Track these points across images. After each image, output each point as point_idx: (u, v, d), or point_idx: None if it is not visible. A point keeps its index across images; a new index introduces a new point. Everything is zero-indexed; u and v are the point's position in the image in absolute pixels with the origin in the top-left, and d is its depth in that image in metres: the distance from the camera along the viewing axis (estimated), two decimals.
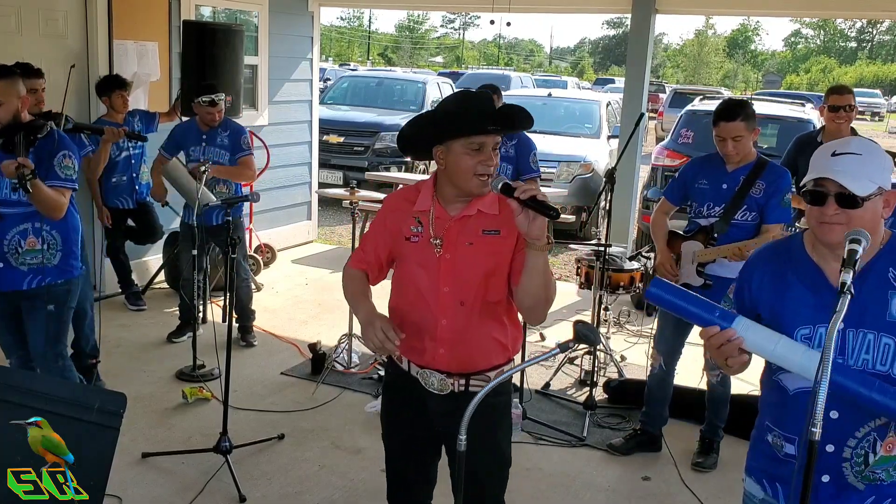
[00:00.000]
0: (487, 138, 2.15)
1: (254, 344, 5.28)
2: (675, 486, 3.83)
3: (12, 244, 3.30)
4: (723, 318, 1.82)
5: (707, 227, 3.74)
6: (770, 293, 1.94)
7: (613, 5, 8.48)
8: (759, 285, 1.96)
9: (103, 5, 5.72)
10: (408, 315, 2.31)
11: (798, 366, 1.77)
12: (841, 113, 4.67)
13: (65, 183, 3.27)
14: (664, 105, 21.50)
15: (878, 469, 1.86)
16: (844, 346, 1.83)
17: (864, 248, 1.74)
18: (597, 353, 4.71)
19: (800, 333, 1.86)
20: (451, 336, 2.26)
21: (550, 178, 8.98)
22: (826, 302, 1.83)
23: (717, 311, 1.84)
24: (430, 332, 2.28)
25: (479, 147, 2.16)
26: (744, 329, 1.81)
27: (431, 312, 2.26)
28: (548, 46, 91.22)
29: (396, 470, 2.56)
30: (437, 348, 2.28)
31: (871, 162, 1.81)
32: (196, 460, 3.77)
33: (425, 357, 2.31)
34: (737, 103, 3.72)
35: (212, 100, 4.92)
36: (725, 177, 3.72)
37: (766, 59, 73.73)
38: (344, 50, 64.72)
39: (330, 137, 10.38)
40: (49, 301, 3.41)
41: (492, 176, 2.17)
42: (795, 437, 1.92)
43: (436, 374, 2.30)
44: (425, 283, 2.27)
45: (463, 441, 1.95)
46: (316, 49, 8.01)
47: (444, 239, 2.24)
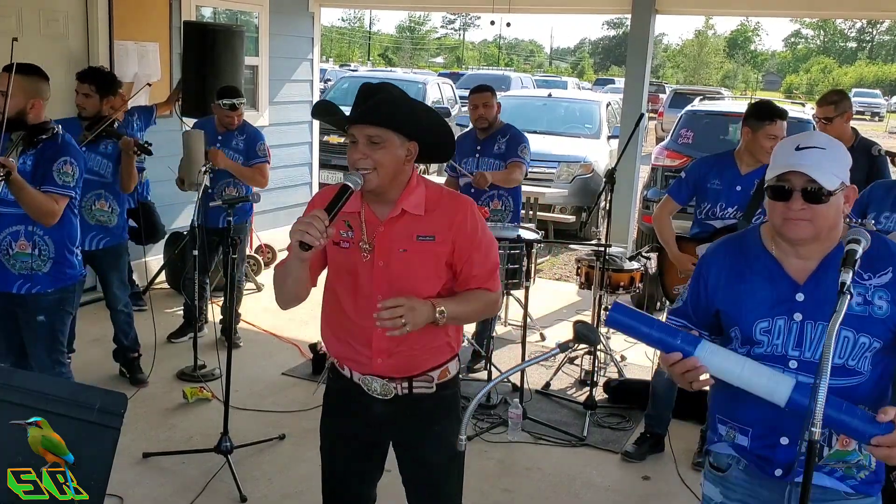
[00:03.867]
0: (355, 129, 2.05)
1: (239, 345, 5.19)
2: (675, 486, 3.83)
3: (3, 244, 3.23)
4: (685, 343, 1.80)
5: (730, 228, 3.73)
6: (727, 287, 1.94)
7: (613, 6, 8.49)
8: (716, 280, 1.96)
9: (104, 6, 5.73)
10: (342, 324, 2.22)
11: (765, 389, 1.75)
12: (822, 124, 4.67)
13: (61, 190, 3.18)
14: (664, 105, 21.50)
15: (832, 461, 1.89)
16: (802, 338, 1.84)
17: (864, 247, 1.74)
18: (597, 353, 4.71)
19: (758, 327, 1.87)
20: (388, 345, 2.15)
21: (550, 178, 8.99)
22: (784, 294, 1.86)
23: (679, 335, 1.82)
24: (365, 342, 2.18)
25: (353, 139, 2.07)
26: (708, 354, 1.79)
27: (366, 322, 2.11)
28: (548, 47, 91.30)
29: (334, 489, 2.43)
30: (375, 357, 2.18)
31: (834, 156, 1.81)
32: (197, 460, 3.77)
33: (364, 366, 2.22)
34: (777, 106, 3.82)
35: (232, 104, 4.93)
36: (739, 179, 3.74)
37: (766, 60, 73.73)
38: (344, 51, 64.71)
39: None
40: (39, 311, 3.32)
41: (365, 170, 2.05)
42: (749, 428, 1.93)
43: (377, 379, 2.21)
44: (358, 291, 2.16)
45: (463, 441, 1.94)
46: (316, 50, 8.01)
47: (375, 244, 2.13)
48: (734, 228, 3.72)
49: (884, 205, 3.21)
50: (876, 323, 1.81)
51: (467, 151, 4.95)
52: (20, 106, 3.18)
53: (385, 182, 2.08)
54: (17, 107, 3.17)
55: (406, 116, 2.08)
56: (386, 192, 2.12)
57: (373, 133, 2.04)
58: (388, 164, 2.06)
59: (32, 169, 3.19)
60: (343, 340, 2.25)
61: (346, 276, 2.18)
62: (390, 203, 2.14)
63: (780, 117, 3.68)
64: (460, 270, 2.20)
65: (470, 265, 2.19)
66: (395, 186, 2.12)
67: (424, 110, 2.20)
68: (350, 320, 2.20)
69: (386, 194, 2.13)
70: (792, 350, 1.85)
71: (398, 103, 2.08)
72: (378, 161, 2.05)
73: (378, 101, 2.04)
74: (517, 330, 5.25)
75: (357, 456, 2.38)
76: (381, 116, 2.04)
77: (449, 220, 2.16)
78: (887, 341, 1.83)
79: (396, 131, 2.06)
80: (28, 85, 3.20)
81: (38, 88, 3.26)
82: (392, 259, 2.14)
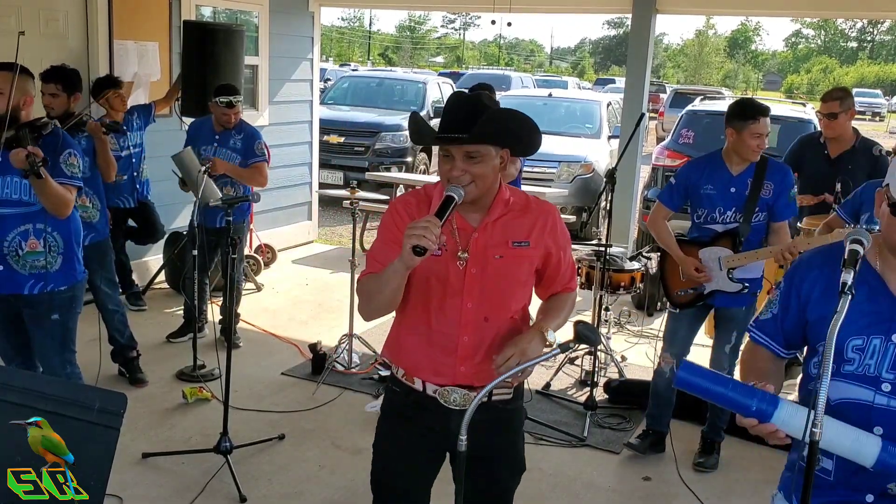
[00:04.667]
0: (451, 146, 2.06)
1: (239, 345, 5.20)
2: (675, 486, 3.83)
3: (12, 246, 3.19)
4: (763, 404, 1.69)
5: (732, 232, 3.73)
6: (821, 300, 1.83)
7: (614, 5, 8.48)
8: (810, 291, 1.86)
9: (104, 5, 5.72)
10: (423, 332, 2.19)
11: (850, 451, 1.67)
12: (826, 121, 4.67)
13: (71, 180, 3.21)
14: (665, 105, 21.50)
15: None
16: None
17: (867, 248, 1.72)
18: (597, 353, 4.71)
19: (851, 344, 1.78)
20: (472, 353, 2.16)
21: (551, 178, 8.99)
22: (882, 311, 1.77)
23: (756, 396, 1.70)
24: (449, 350, 2.17)
25: (447, 153, 2.07)
26: (787, 417, 1.68)
27: (452, 329, 2.14)
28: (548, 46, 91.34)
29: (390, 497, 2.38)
30: (458, 366, 2.17)
31: None
32: (196, 460, 3.77)
33: (444, 375, 2.19)
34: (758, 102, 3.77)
35: (229, 101, 4.92)
36: (732, 180, 3.72)
37: (766, 60, 73.73)
38: (344, 50, 64.75)
39: (330, 138, 10.38)
40: (53, 310, 3.30)
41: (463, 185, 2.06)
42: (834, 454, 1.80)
43: (457, 389, 2.18)
44: (446, 299, 2.15)
45: (463, 441, 1.94)
46: (316, 49, 8.01)
47: (469, 252, 2.13)
48: (736, 232, 3.72)
49: None
50: None
51: None
52: (14, 103, 3.18)
53: (483, 192, 2.11)
54: (12, 104, 3.17)
55: (508, 131, 2.11)
56: (481, 199, 2.15)
57: (471, 150, 2.05)
58: (487, 176, 2.09)
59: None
60: (421, 351, 2.21)
61: (435, 284, 2.16)
62: (482, 209, 2.16)
63: (763, 114, 3.63)
64: (547, 273, 2.24)
65: (557, 268, 2.25)
66: (489, 194, 2.16)
67: (520, 120, 2.16)
68: (433, 329, 2.18)
69: (479, 202, 2.15)
70: (886, 372, 1.75)
71: (502, 120, 2.09)
72: (476, 174, 2.07)
73: (485, 121, 2.03)
74: None
75: (422, 470, 2.36)
76: (487, 136, 2.05)
77: (541, 225, 2.20)
78: None
79: (494, 144, 2.08)
80: (19, 82, 3.20)
81: (27, 86, 3.27)
82: (487, 266, 2.15)
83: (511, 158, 5.43)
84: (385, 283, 2.07)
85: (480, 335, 2.17)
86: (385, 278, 2.06)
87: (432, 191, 2.22)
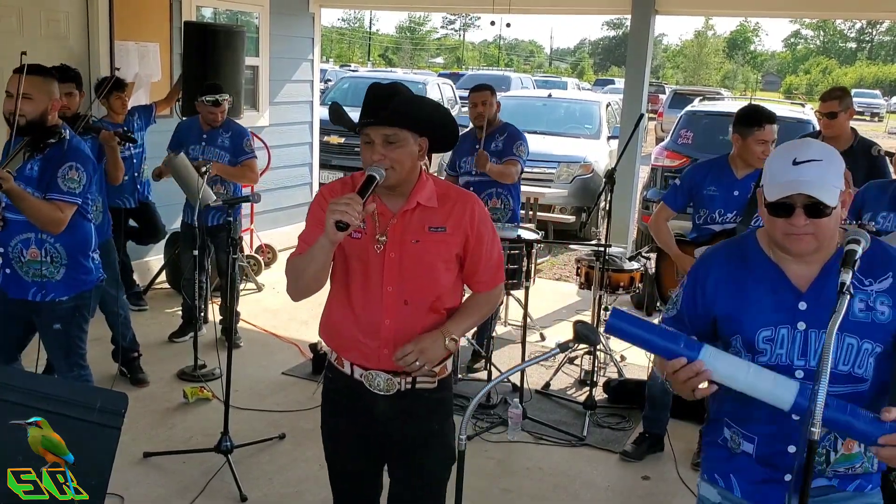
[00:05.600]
0: (370, 130, 2.12)
1: (239, 345, 5.20)
2: (675, 485, 3.83)
3: (15, 251, 3.18)
4: (688, 349, 1.75)
5: (728, 231, 3.74)
6: (727, 295, 1.90)
7: (613, 6, 8.49)
8: (715, 287, 1.92)
9: (104, 6, 5.73)
10: (348, 315, 2.25)
11: (769, 394, 1.73)
12: (826, 120, 4.68)
13: (64, 197, 3.09)
14: (664, 106, 21.50)
15: (838, 467, 1.87)
16: (807, 346, 1.82)
17: (864, 248, 1.74)
18: (597, 353, 4.72)
19: (761, 335, 1.84)
20: (394, 336, 2.20)
21: (550, 178, 8.99)
22: (786, 302, 1.84)
23: (682, 340, 1.78)
24: (372, 333, 2.21)
25: (368, 139, 2.13)
26: (711, 359, 1.75)
27: (374, 312, 2.20)
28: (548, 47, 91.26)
29: (344, 488, 2.46)
30: (381, 349, 2.21)
31: (832, 167, 1.77)
32: (197, 460, 3.77)
33: (368, 358, 2.24)
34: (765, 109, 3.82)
35: (215, 100, 4.93)
36: (736, 183, 3.75)
37: (765, 60, 73.72)
38: (345, 51, 64.70)
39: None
40: (54, 319, 3.27)
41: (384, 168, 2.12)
42: (755, 437, 1.90)
43: (381, 374, 2.24)
44: (367, 282, 2.21)
45: (463, 441, 1.95)
46: (317, 50, 8.02)
47: (388, 236, 2.19)
48: (733, 232, 3.73)
49: (880, 205, 3.22)
50: (878, 328, 1.80)
51: (467, 150, 4.97)
52: (43, 108, 3.12)
53: (402, 178, 2.16)
54: (40, 109, 3.12)
55: (421, 115, 2.16)
56: (400, 186, 2.19)
57: (389, 133, 2.12)
58: (404, 161, 2.14)
59: (39, 174, 3.12)
60: (347, 334, 2.26)
61: (356, 266, 2.23)
62: (402, 196, 2.21)
63: (769, 121, 3.67)
64: (468, 262, 2.27)
65: (478, 257, 2.27)
66: (409, 181, 2.20)
67: (434, 106, 2.28)
68: (356, 312, 2.23)
69: (399, 188, 2.19)
70: (798, 359, 1.82)
71: (414, 103, 2.16)
72: (395, 159, 2.12)
73: (397, 102, 2.10)
74: (517, 330, 5.25)
75: (363, 453, 2.39)
76: (400, 118, 2.11)
77: (459, 212, 2.23)
78: (888, 345, 1.82)
79: (411, 130, 2.14)
80: (48, 86, 3.16)
81: (54, 89, 3.21)
82: (404, 250, 2.20)
83: (511, 162, 5.42)
84: (311, 259, 2.14)
85: (402, 319, 2.21)
86: (310, 255, 2.14)
87: (359, 178, 2.26)
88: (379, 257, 2.20)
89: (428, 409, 2.31)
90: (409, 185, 2.20)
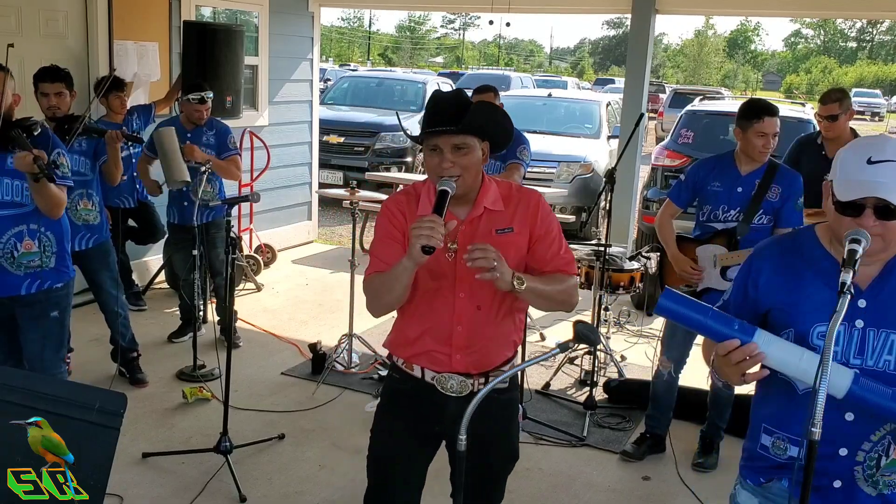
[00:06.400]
0: (439, 139, 2.14)
1: (239, 345, 5.21)
2: (675, 486, 3.83)
3: (7, 247, 3.18)
4: (742, 332, 1.72)
5: (729, 230, 3.74)
6: (782, 289, 1.86)
7: (613, 5, 8.49)
8: (769, 281, 1.88)
9: (103, 6, 5.72)
10: (420, 323, 2.27)
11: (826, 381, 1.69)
12: (827, 123, 4.67)
13: (63, 181, 3.20)
14: (664, 105, 21.52)
15: (887, 472, 1.83)
16: (864, 346, 1.78)
17: (864, 247, 1.73)
18: (597, 353, 4.71)
19: (816, 331, 1.80)
20: (467, 342, 2.24)
21: (550, 178, 8.99)
22: None
23: (736, 323, 1.74)
24: (444, 339, 2.25)
25: (435, 147, 2.15)
26: (765, 343, 1.71)
27: (446, 319, 2.23)
28: (548, 47, 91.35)
29: (388, 475, 2.47)
30: (453, 354, 2.25)
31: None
32: (196, 460, 3.77)
33: (441, 364, 2.27)
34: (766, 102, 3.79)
35: (201, 97, 4.94)
36: (740, 180, 3.73)
37: (766, 60, 73.75)
38: (344, 50, 64.75)
39: (330, 138, 10.38)
40: (52, 307, 3.30)
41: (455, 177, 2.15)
42: (802, 439, 1.82)
43: (454, 376, 2.27)
44: (439, 290, 2.23)
45: (463, 441, 1.95)
46: (316, 49, 8.02)
47: (458, 243, 2.20)
48: (734, 231, 3.73)
49: None
50: None
51: None
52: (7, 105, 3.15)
53: (469, 184, 2.20)
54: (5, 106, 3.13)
55: (489, 122, 2.20)
56: (467, 193, 2.22)
57: (459, 141, 2.14)
58: (472, 167, 2.18)
59: None
60: (419, 341, 2.28)
61: (427, 276, 2.24)
62: (469, 203, 2.24)
63: (769, 114, 3.65)
64: (538, 254, 2.27)
65: (546, 247, 2.27)
66: (475, 187, 2.24)
67: (500, 112, 2.30)
68: (429, 319, 2.26)
69: (467, 195, 2.22)
70: (854, 358, 1.78)
71: (482, 111, 2.18)
72: (465, 166, 2.16)
73: (473, 112, 2.13)
74: None
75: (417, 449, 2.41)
76: (473, 127, 2.14)
77: (524, 210, 2.26)
78: None
79: (478, 136, 2.17)
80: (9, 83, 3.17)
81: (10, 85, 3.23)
82: None
83: (514, 166, 5.44)
84: (395, 280, 2.15)
85: (474, 324, 2.24)
86: (394, 276, 2.15)
87: (421, 188, 2.30)
88: (451, 265, 2.22)
89: (499, 408, 2.33)
90: (474, 192, 2.23)
